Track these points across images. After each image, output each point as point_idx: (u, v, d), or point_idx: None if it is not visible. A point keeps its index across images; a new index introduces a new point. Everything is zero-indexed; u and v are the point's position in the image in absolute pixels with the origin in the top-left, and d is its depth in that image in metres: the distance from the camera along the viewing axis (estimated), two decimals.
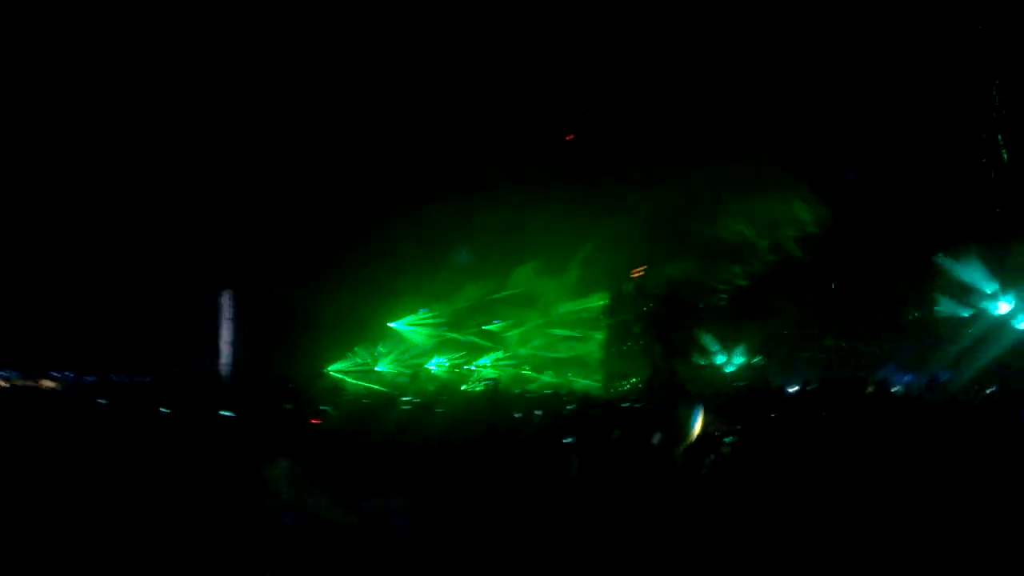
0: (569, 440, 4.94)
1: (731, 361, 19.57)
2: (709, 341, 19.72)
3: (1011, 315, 17.05)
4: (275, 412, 8.28)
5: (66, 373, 16.11)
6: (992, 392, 10.59)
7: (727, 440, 4.60)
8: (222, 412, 7.76)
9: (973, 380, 14.59)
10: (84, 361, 16.42)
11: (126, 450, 6.10)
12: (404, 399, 8.68)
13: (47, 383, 15.28)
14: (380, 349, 19.60)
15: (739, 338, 19.52)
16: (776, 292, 18.66)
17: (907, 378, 13.91)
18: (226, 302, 17.53)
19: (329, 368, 18.54)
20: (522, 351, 20.40)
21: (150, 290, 16.67)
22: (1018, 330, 16.82)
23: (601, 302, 21.04)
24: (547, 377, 19.92)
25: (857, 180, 17.64)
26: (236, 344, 17.24)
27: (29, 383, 14.93)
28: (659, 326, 19.59)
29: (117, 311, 16.53)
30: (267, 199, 16.96)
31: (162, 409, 8.22)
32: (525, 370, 20.25)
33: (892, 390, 8.94)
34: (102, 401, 9.97)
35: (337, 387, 16.91)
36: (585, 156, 18.73)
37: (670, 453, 4.21)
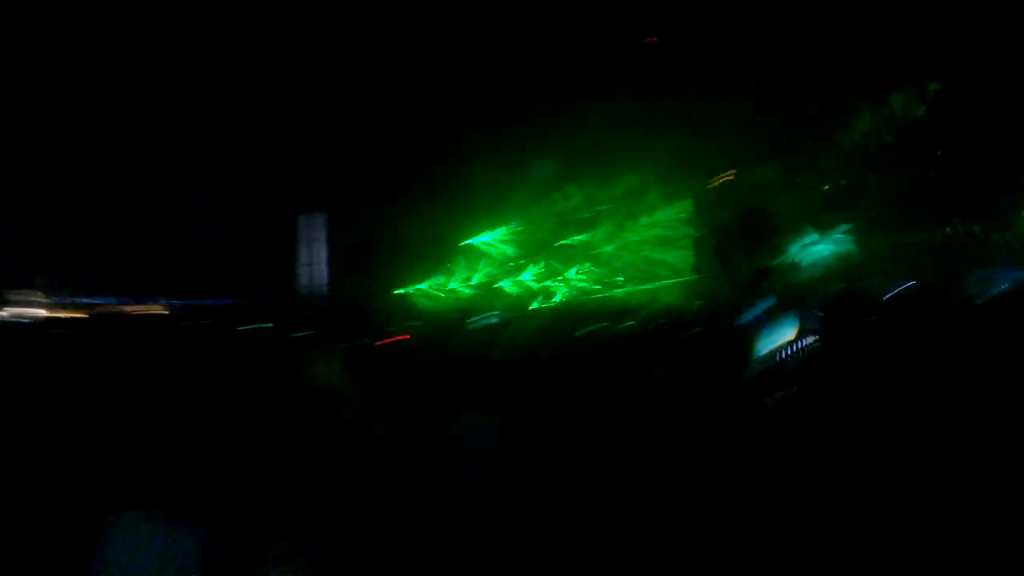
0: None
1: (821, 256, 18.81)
2: (799, 238, 18.98)
3: None
4: (356, 332, 8.27)
5: (171, 300, 16.71)
6: None
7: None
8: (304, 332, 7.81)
9: None
10: (178, 287, 16.91)
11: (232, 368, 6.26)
12: (476, 317, 8.58)
13: (156, 308, 15.98)
14: (459, 267, 19.53)
15: (831, 233, 18.72)
16: (872, 182, 17.86)
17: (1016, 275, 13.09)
18: (305, 224, 17.68)
19: (411, 287, 18.58)
20: (606, 264, 20.08)
21: (234, 216, 16.94)
22: None
23: (684, 214, 20.50)
24: (629, 288, 19.61)
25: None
26: (317, 266, 17.44)
27: (141, 309, 15.67)
28: (745, 233, 18.99)
29: (203, 238, 16.88)
30: (344, 120, 16.91)
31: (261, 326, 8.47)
32: (608, 282, 19.99)
33: (997, 290, 8.27)
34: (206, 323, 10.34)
35: (417, 305, 17.00)
36: (658, 68, 18.07)
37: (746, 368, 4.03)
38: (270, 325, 8.81)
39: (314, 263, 17.51)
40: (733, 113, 17.67)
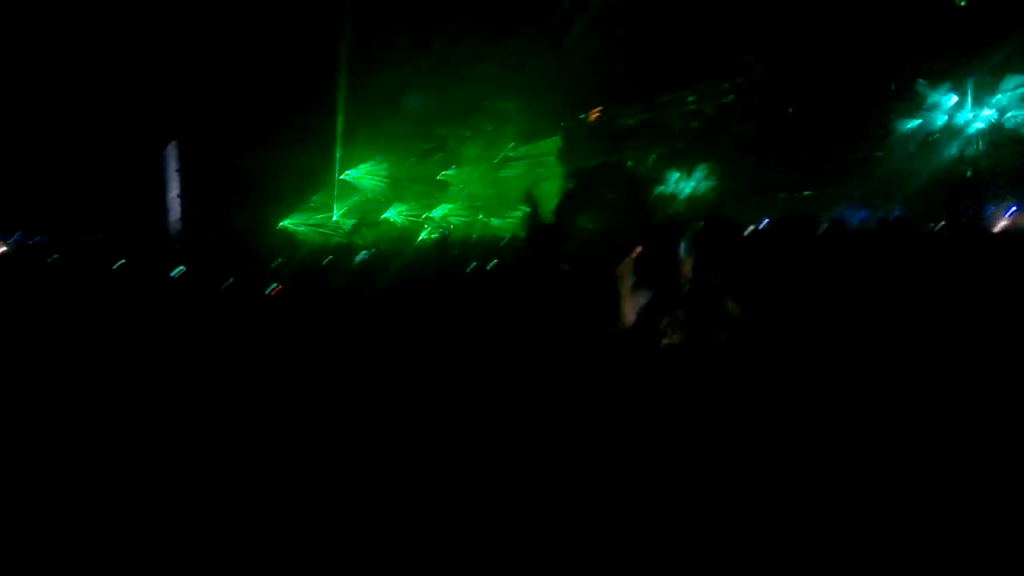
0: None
1: (683, 192, 19.66)
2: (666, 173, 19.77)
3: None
4: (228, 269, 8.20)
5: (14, 235, 15.74)
6: (942, 226, 10.88)
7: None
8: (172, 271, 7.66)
9: (922, 213, 14.94)
10: (30, 223, 16.03)
11: (77, 309, 6.01)
12: (353, 254, 8.65)
13: None
14: (331, 201, 19.39)
15: (692, 171, 19.57)
16: (730, 126, 18.62)
17: (860, 215, 14.19)
18: (172, 155, 17.10)
19: (283, 221, 18.35)
20: (475, 197, 20.35)
21: (96, 151, 16.15)
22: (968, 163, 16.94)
23: (554, 146, 20.90)
24: (497, 222, 19.95)
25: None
26: (185, 200, 16.95)
27: None
28: (615, 167, 19.49)
29: (60, 171, 16.03)
30: (211, 50, 16.29)
31: (113, 266, 8.06)
32: (480, 218, 20.25)
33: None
34: (51, 259, 9.75)
35: (291, 240, 16.83)
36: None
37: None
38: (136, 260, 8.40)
39: (182, 195, 16.96)
40: (595, 50, 17.99)
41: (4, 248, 14.81)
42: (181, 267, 7.68)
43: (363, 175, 19.85)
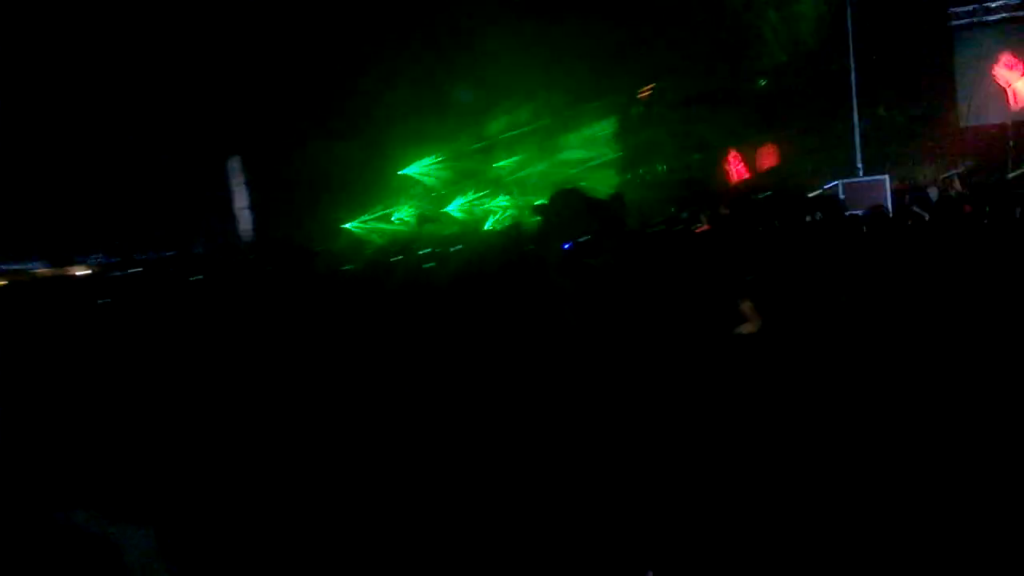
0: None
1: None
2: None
3: None
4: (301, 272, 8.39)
5: (91, 256, 16.05)
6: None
7: None
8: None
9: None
10: (100, 246, 16.28)
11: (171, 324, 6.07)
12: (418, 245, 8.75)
13: (77, 270, 15.38)
14: (394, 200, 19.61)
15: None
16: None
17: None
18: (235, 167, 17.48)
19: (347, 224, 18.65)
20: (532, 189, 20.35)
21: (154, 166, 16.45)
22: None
23: (610, 129, 20.80)
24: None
25: None
26: (252, 211, 17.34)
27: (59, 272, 14.92)
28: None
29: (121, 190, 16.27)
30: (261, 55, 16.55)
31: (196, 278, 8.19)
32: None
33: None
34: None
35: (357, 240, 17.11)
36: None
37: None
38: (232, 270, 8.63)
39: (248, 206, 17.35)
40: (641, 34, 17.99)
41: (89, 271, 15.14)
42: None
43: (422, 171, 20.05)
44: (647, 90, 20.09)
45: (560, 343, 3.92)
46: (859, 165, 16.30)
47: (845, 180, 13.38)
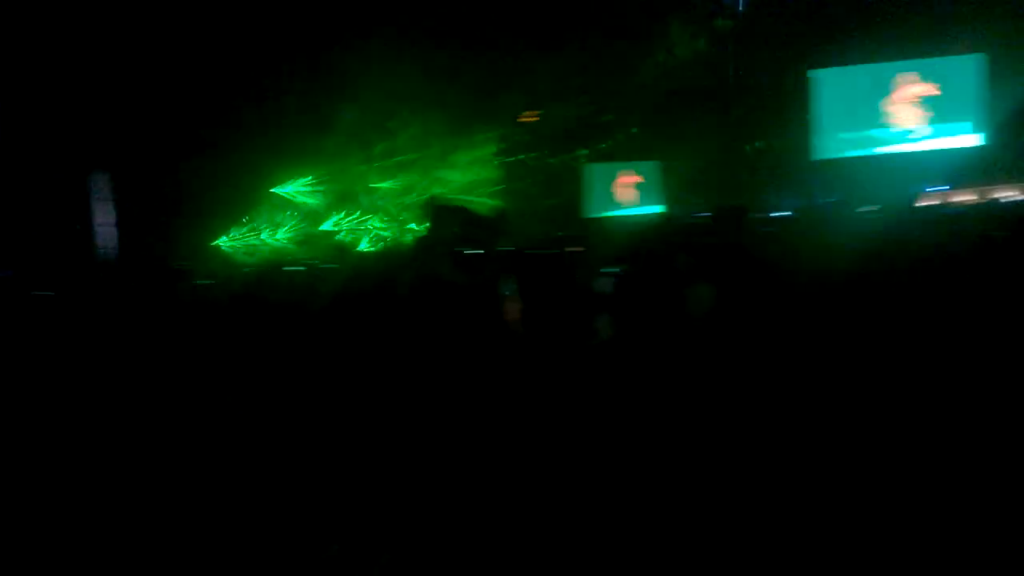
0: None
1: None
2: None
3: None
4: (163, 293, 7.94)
5: None
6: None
7: None
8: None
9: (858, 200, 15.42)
10: None
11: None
12: (288, 268, 8.46)
13: None
14: (265, 219, 19.01)
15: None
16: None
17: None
18: (96, 183, 16.55)
19: (216, 242, 17.94)
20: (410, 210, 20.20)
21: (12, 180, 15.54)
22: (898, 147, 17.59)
23: (491, 149, 20.90)
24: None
25: None
26: (110, 226, 16.42)
27: None
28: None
29: None
30: (124, 67, 15.83)
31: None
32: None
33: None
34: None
35: (227, 260, 16.47)
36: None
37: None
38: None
39: (108, 223, 16.41)
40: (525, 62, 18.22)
41: None
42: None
43: (297, 190, 19.54)
44: (529, 116, 20.31)
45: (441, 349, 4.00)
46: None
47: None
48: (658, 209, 18.46)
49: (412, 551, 3.32)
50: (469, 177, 20.38)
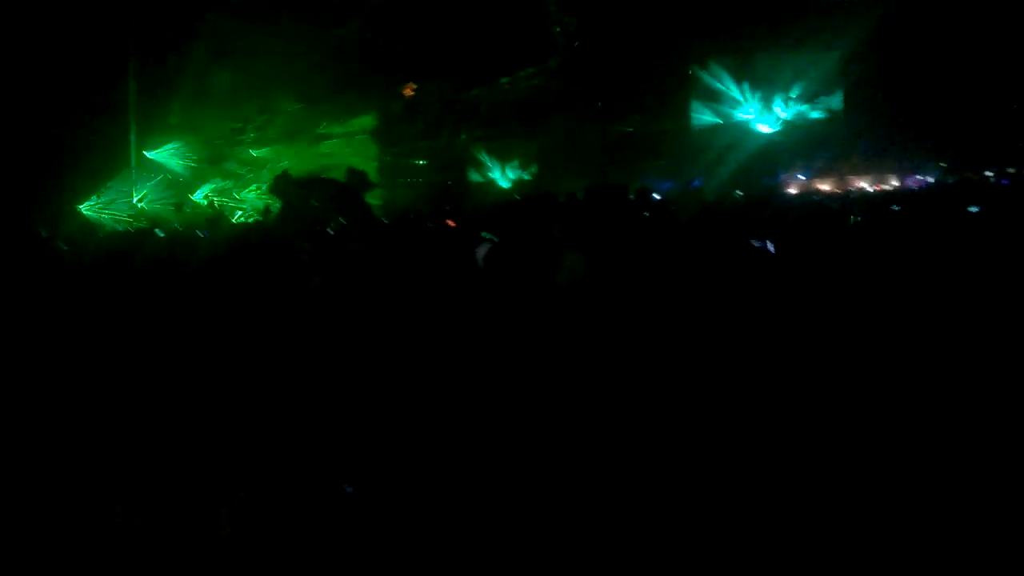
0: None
1: (507, 175, 20.29)
2: (485, 157, 20.31)
3: (755, 121, 18.79)
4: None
5: None
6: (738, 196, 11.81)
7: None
8: None
9: (721, 184, 16.21)
10: None
11: None
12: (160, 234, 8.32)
13: None
14: (133, 184, 18.30)
15: (512, 153, 20.24)
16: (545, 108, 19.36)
17: (666, 185, 15.13)
18: None
19: (80, 206, 17.16)
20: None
21: None
22: (761, 135, 18.60)
23: (371, 124, 20.79)
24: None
25: None
26: None
27: None
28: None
29: None
30: None
31: None
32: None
33: (652, 196, 9.48)
34: None
35: (91, 225, 15.82)
36: None
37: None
38: None
39: None
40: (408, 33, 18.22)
41: None
42: None
43: (167, 156, 18.92)
44: (408, 88, 20.28)
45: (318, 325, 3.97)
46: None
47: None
48: (533, 185, 18.89)
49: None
50: (347, 149, 20.24)
